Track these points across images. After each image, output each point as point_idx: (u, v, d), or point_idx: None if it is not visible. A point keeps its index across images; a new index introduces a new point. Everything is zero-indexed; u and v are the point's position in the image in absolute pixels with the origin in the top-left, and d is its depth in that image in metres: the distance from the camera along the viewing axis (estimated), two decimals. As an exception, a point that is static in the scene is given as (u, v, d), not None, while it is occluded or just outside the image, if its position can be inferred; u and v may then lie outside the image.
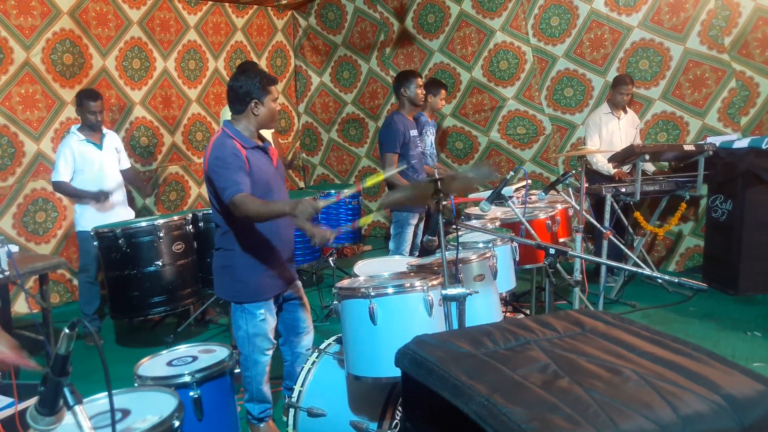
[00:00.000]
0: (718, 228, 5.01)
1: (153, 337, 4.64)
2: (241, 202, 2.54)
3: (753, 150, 4.65)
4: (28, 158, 5.03)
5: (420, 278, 2.42)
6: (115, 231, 4.08)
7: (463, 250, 2.89)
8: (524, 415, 1.21)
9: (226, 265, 2.84)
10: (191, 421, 2.40)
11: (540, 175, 6.29)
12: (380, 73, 7.18)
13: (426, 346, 1.59)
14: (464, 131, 6.70)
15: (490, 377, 1.38)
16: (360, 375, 2.35)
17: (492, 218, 3.81)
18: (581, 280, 4.04)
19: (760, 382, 1.32)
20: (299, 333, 3.08)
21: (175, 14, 6.17)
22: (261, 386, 2.91)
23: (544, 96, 6.14)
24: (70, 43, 5.26)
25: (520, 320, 1.78)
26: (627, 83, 5.13)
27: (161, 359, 2.67)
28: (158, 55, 6.05)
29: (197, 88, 6.48)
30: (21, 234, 5.02)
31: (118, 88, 5.70)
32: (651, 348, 1.51)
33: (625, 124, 5.23)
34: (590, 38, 5.74)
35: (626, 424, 1.17)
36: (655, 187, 4.84)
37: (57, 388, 1.26)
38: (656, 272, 2.77)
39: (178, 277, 4.24)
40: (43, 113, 5.12)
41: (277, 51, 7.49)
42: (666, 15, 5.33)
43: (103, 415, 1.95)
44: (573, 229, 4.07)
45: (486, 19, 6.29)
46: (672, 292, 4.97)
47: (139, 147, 5.93)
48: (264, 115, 2.77)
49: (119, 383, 2.16)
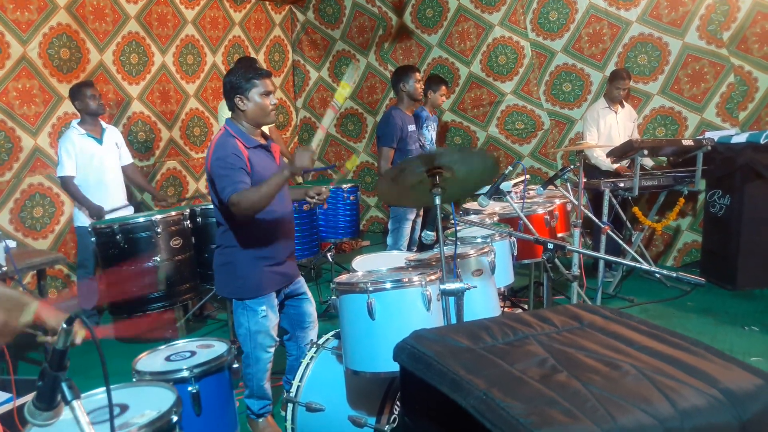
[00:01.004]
0: (717, 223, 5.01)
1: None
2: (239, 198, 2.54)
3: (751, 145, 4.65)
4: (25, 153, 5.01)
5: (418, 273, 2.41)
6: (113, 226, 4.07)
7: (462, 245, 2.90)
8: (522, 410, 1.21)
9: (226, 262, 2.84)
10: (189, 416, 2.40)
11: (538, 170, 6.29)
12: (378, 68, 7.16)
13: (424, 341, 1.59)
14: (463, 126, 6.69)
15: (488, 372, 1.38)
16: (358, 370, 2.35)
17: (490, 213, 3.81)
18: (579, 274, 4.04)
19: (758, 377, 1.32)
20: (305, 328, 3.08)
21: (172, 9, 6.15)
22: (262, 383, 2.91)
23: (542, 91, 6.13)
24: (67, 37, 5.24)
25: (519, 315, 1.78)
26: (624, 78, 5.11)
27: (159, 354, 2.67)
28: (156, 49, 6.03)
29: (195, 83, 6.46)
30: (18, 229, 5.01)
31: (116, 83, 5.68)
32: (649, 342, 1.51)
33: (623, 118, 5.23)
34: (589, 33, 5.73)
35: (624, 418, 1.17)
36: (654, 182, 4.84)
37: (55, 383, 1.26)
38: (654, 267, 2.77)
39: (176, 273, 4.23)
40: (41, 108, 5.10)
41: (275, 46, 7.47)
42: (665, 10, 5.33)
43: (101, 410, 1.95)
44: (571, 224, 4.07)
45: (484, 13, 6.28)
46: (670, 287, 4.98)
47: (137, 142, 5.91)
48: (252, 110, 2.73)
49: (117, 378, 2.15)
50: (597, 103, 5.33)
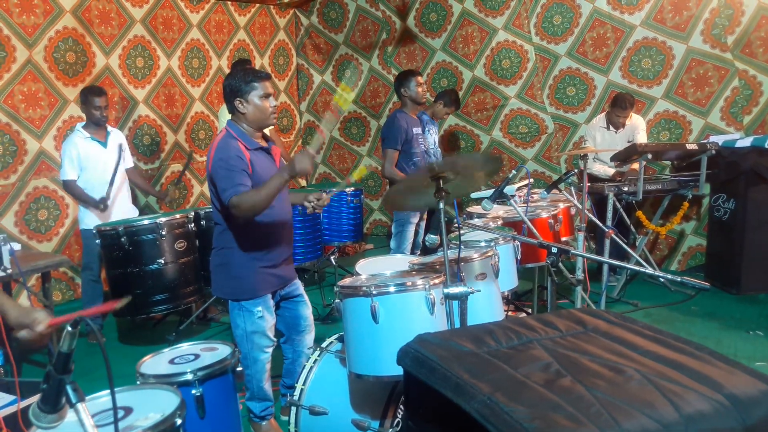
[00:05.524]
0: (721, 227, 5.00)
1: (155, 335, 4.64)
2: (240, 200, 2.56)
3: (756, 149, 4.64)
4: (30, 156, 5.04)
5: (422, 277, 2.41)
6: (118, 229, 4.08)
7: (465, 248, 2.89)
8: (526, 414, 1.20)
9: (223, 263, 2.85)
10: (193, 419, 2.40)
11: (542, 174, 6.28)
12: (382, 71, 7.18)
13: (428, 345, 1.59)
14: (466, 130, 6.70)
15: (492, 376, 1.38)
16: (362, 373, 2.35)
17: (494, 217, 3.80)
18: (583, 279, 4.04)
19: (763, 382, 1.31)
20: (301, 331, 3.08)
21: (177, 12, 6.18)
22: (262, 384, 2.91)
23: (546, 95, 6.13)
24: (73, 41, 5.27)
25: (523, 319, 1.77)
26: (624, 107, 4.98)
27: (163, 357, 2.67)
28: (162, 53, 6.05)
29: (200, 86, 6.49)
30: (23, 232, 5.03)
31: (122, 87, 5.70)
32: (653, 347, 1.51)
33: (622, 137, 5.12)
34: (593, 37, 5.73)
35: (629, 423, 1.17)
36: (658, 186, 4.83)
37: (59, 386, 1.26)
38: (658, 271, 2.76)
39: (180, 276, 4.24)
40: (46, 111, 5.12)
41: (280, 49, 7.49)
42: (669, 14, 5.32)
43: (105, 413, 1.95)
44: (575, 228, 4.07)
45: (488, 17, 6.28)
46: (674, 291, 4.96)
47: (143, 145, 5.94)
48: (252, 112, 2.73)
49: (121, 381, 2.16)
50: (597, 119, 5.30)
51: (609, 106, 5.22)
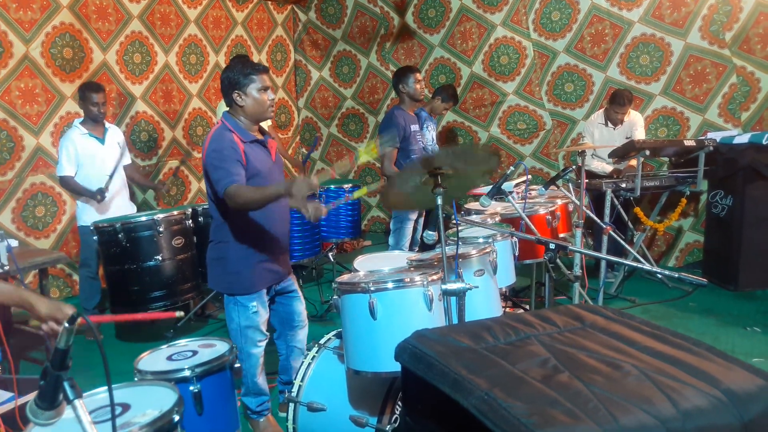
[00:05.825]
0: (718, 223, 5.00)
1: (153, 332, 4.64)
2: (235, 192, 2.55)
3: (753, 145, 4.64)
4: (27, 152, 5.03)
5: (420, 273, 2.41)
6: (115, 225, 4.07)
7: (463, 245, 2.89)
8: (524, 410, 1.21)
9: (219, 256, 2.85)
10: (191, 416, 2.40)
11: (540, 171, 6.29)
12: (380, 67, 7.16)
13: (426, 341, 1.59)
14: (464, 126, 6.69)
15: (490, 372, 1.38)
16: (360, 370, 2.35)
17: (492, 213, 3.80)
18: (581, 275, 4.04)
19: (760, 377, 1.32)
20: (294, 327, 3.08)
21: (175, 8, 6.16)
22: (255, 378, 2.92)
23: (544, 91, 6.13)
24: (70, 37, 5.25)
25: (520, 315, 1.77)
26: (622, 104, 4.98)
27: (161, 354, 2.67)
28: (159, 49, 6.03)
29: (198, 82, 6.47)
30: (20, 228, 5.02)
31: (119, 83, 5.68)
32: (651, 343, 1.51)
33: (620, 133, 5.13)
34: (591, 33, 5.73)
35: (626, 418, 1.17)
36: (656, 182, 4.83)
37: (57, 383, 1.26)
38: (656, 267, 2.77)
39: (178, 272, 4.23)
40: (43, 107, 5.11)
41: (277, 45, 7.48)
42: (667, 10, 5.32)
43: (103, 410, 1.95)
44: (573, 224, 4.07)
45: (487, 13, 6.27)
46: (672, 288, 4.97)
47: (140, 141, 5.92)
48: (250, 105, 2.74)
49: (119, 377, 2.16)
50: (595, 116, 5.30)
51: (607, 102, 5.22)
